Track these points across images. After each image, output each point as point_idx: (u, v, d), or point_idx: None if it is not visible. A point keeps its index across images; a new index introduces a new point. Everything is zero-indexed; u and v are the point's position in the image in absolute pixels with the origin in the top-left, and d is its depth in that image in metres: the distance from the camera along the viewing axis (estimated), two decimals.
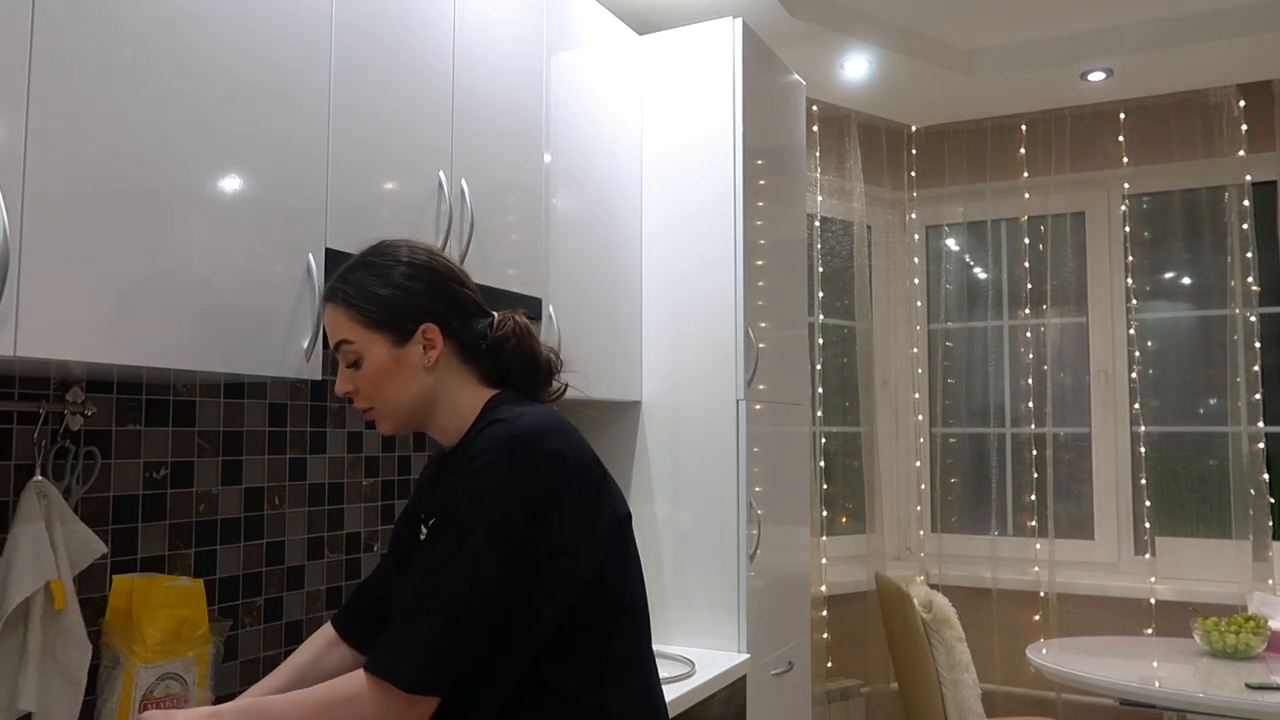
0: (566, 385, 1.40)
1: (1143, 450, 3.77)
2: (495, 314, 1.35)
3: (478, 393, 1.32)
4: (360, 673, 1.13)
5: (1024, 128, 4.00)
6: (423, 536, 1.36)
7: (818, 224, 3.93)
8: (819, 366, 3.88)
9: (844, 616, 3.85)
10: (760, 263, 2.62)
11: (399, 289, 1.27)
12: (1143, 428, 3.77)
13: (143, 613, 1.49)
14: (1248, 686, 2.64)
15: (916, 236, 4.23)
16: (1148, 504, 3.75)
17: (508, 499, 1.14)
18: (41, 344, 1.17)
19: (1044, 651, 3.14)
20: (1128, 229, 3.86)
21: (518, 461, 1.15)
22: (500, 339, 1.32)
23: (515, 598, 1.13)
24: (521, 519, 1.14)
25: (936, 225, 4.21)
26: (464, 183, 1.93)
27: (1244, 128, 3.65)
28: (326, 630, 1.47)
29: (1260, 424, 3.54)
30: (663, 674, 2.12)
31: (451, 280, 1.32)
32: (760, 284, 2.62)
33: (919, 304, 4.21)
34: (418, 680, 1.09)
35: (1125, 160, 3.84)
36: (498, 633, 1.12)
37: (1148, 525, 3.74)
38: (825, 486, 3.84)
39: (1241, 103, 3.66)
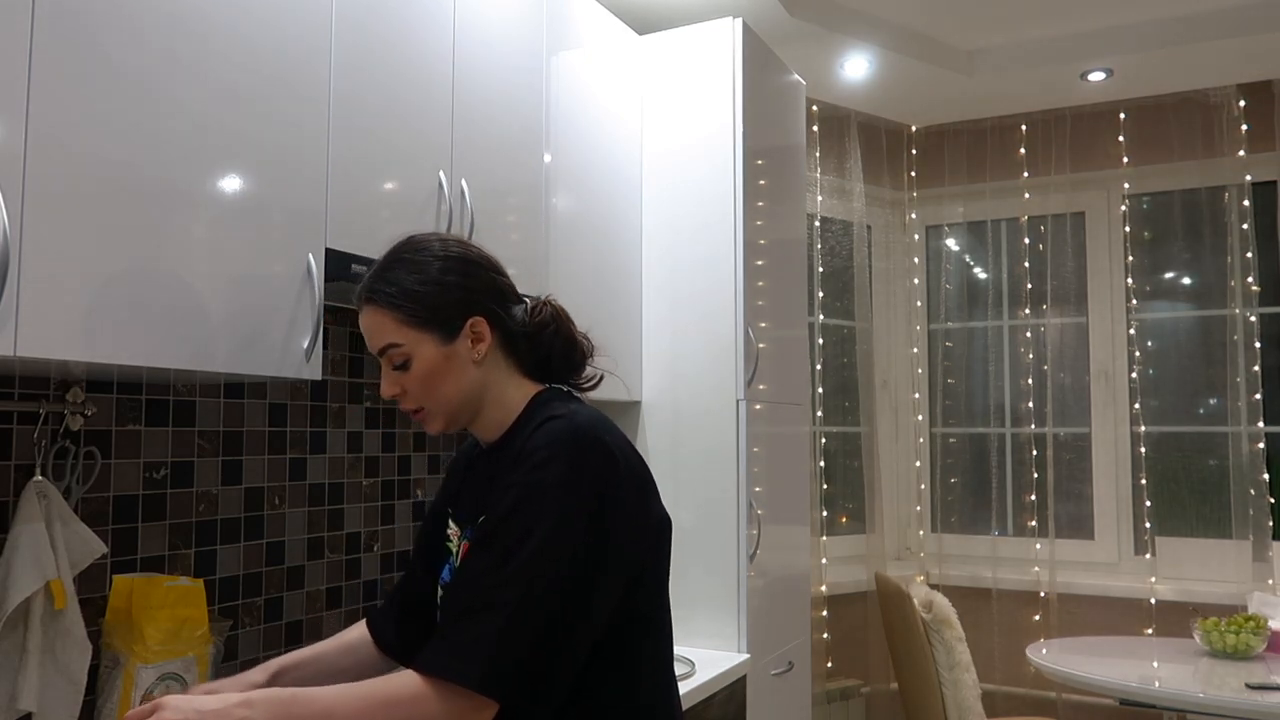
0: (602, 375, 1.37)
1: (1143, 450, 3.77)
2: (529, 299, 1.33)
3: (522, 386, 1.30)
4: (413, 673, 1.08)
5: (1024, 128, 4.00)
6: (449, 529, 1.35)
7: (818, 224, 3.92)
8: (819, 366, 3.88)
9: (844, 616, 3.85)
10: (760, 262, 2.62)
11: (439, 284, 1.24)
12: (1143, 428, 3.77)
13: (143, 613, 1.49)
14: (1248, 686, 2.64)
15: (916, 236, 4.22)
16: (1148, 504, 3.75)
17: (568, 495, 1.12)
18: (42, 344, 1.17)
19: (1044, 651, 3.14)
20: (1128, 229, 3.86)
21: (576, 458, 1.13)
22: (540, 324, 1.30)
23: (573, 596, 1.10)
24: (581, 516, 1.12)
25: (936, 225, 4.21)
26: (464, 183, 1.93)
27: (1244, 128, 3.65)
28: (360, 628, 1.45)
29: (1260, 424, 3.54)
30: None
31: (489, 269, 1.30)
32: (760, 284, 2.62)
33: (919, 304, 4.21)
34: (483, 680, 1.05)
35: (1125, 160, 3.84)
36: (557, 631, 1.09)
37: (1148, 525, 3.74)
38: (825, 486, 3.84)
39: (1241, 103, 3.66)
